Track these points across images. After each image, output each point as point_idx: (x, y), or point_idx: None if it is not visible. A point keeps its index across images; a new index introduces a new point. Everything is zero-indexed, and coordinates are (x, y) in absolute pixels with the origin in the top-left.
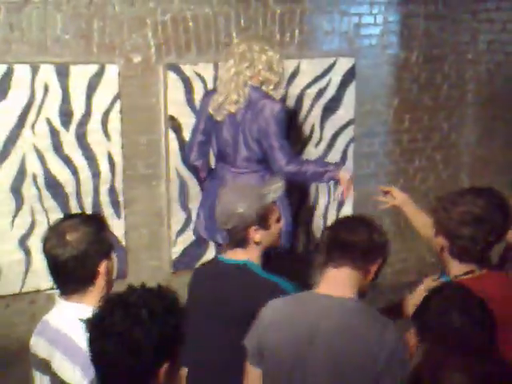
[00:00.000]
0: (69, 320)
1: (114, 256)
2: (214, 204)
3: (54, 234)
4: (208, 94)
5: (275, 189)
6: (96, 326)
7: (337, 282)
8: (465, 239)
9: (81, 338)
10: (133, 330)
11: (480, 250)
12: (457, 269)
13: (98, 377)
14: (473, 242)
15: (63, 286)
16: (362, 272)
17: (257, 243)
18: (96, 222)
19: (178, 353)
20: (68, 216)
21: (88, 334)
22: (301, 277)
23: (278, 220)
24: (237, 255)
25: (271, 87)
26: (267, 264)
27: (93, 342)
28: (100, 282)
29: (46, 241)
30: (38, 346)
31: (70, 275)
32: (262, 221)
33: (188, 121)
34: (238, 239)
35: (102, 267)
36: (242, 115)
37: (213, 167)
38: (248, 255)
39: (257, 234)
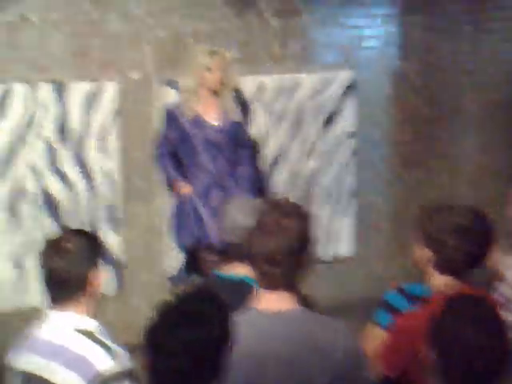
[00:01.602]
0: (63, 330)
1: (102, 267)
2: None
3: (50, 245)
4: None
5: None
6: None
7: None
8: (449, 249)
9: (77, 346)
10: None
11: (463, 261)
12: (439, 281)
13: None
14: (457, 251)
15: (57, 295)
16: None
17: None
18: (89, 233)
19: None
20: (63, 229)
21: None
22: None
23: None
24: (237, 269)
25: None
26: None
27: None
28: (90, 290)
29: (43, 253)
30: (26, 361)
31: (64, 283)
32: None
33: None
34: (238, 253)
35: (92, 275)
36: None
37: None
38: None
39: None
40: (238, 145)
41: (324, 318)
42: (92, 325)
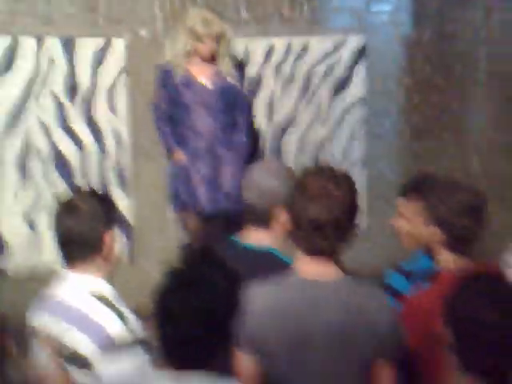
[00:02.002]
0: (81, 296)
1: (117, 231)
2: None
3: (65, 204)
4: None
5: None
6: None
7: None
8: (461, 229)
9: (90, 310)
10: None
11: (472, 239)
12: (447, 259)
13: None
14: (468, 231)
15: (71, 255)
16: None
17: (281, 225)
18: (103, 195)
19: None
20: (76, 189)
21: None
22: None
23: None
24: (259, 237)
25: None
26: None
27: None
28: (105, 251)
29: (56, 212)
30: (43, 321)
31: (79, 243)
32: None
33: None
34: (263, 218)
35: (108, 237)
36: None
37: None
38: (270, 238)
39: (282, 215)
40: (234, 109)
41: (370, 289)
42: (107, 290)
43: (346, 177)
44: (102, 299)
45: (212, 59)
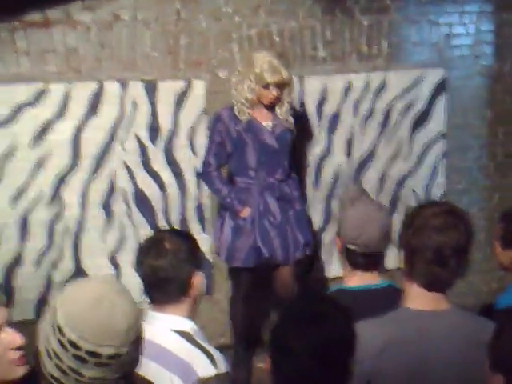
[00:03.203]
0: (162, 331)
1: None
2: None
3: (152, 245)
4: None
5: None
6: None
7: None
8: None
9: (177, 348)
10: None
11: None
12: None
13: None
14: None
15: (158, 296)
16: None
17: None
18: (188, 235)
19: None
20: (159, 231)
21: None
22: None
23: None
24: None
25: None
26: None
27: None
28: (193, 293)
29: (143, 252)
30: None
31: (167, 285)
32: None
33: None
34: (379, 262)
35: (196, 278)
36: None
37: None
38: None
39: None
40: (289, 154)
41: (483, 319)
42: (188, 326)
43: (464, 211)
44: (185, 336)
45: (272, 105)
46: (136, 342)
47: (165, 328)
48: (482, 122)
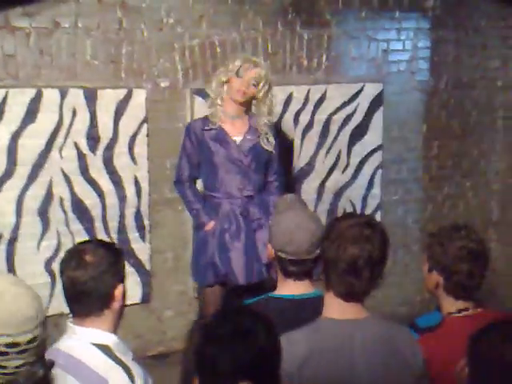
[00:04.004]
0: (82, 346)
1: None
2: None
3: (73, 256)
4: None
5: None
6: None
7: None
8: (462, 275)
9: (95, 363)
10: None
11: (476, 285)
12: (451, 306)
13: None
14: (470, 277)
15: (79, 309)
16: None
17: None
18: (113, 246)
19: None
20: (85, 241)
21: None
22: None
23: None
24: (300, 288)
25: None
26: None
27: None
28: (115, 305)
29: (64, 263)
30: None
31: (87, 297)
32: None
33: None
34: (309, 269)
35: (118, 291)
36: None
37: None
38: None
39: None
40: (266, 168)
41: (398, 326)
42: (109, 339)
43: (379, 224)
44: (105, 349)
45: (247, 106)
46: (44, 321)
47: (84, 342)
48: (417, 135)
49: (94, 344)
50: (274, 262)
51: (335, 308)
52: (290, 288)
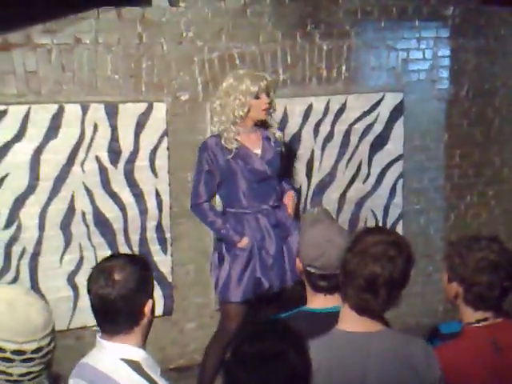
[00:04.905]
0: (110, 361)
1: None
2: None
3: (101, 273)
4: None
5: None
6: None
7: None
8: (481, 286)
9: (124, 379)
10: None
11: (496, 296)
12: (471, 316)
13: None
14: (489, 288)
15: (108, 326)
16: None
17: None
18: (141, 261)
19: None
20: (112, 256)
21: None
22: None
23: None
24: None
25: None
26: None
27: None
28: (144, 321)
29: (92, 281)
30: None
31: (117, 315)
32: None
33: None
34: (336, 284)
35: (147, 307)
36: None
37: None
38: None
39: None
40: (278, 176)
41: (413, 339)
42: (138, 355)
43: (407, 244)
44: (134, 365)
45: (263, 121)
46: (52, 332)
47: (113, 357)
48: (438, 144)
49: (123, 359)
50: (302, 276)
51: (349, 320)
52: (320, 302)
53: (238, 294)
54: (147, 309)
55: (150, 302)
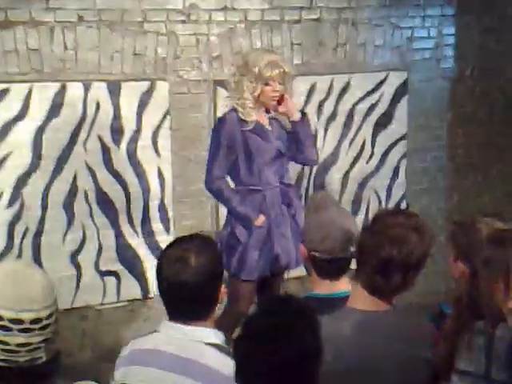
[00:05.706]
0: (196, 346)
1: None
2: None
3: (176, 259)
4: None
5: None
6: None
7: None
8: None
9: (216, 363)
10: None
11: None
12: None
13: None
14: (498, 264)
15: (185, 312)
16: None
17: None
18: (212, 244)
19: None
20: (183, 238)
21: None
22: None
23: None
24: (346, 285)
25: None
26: None
27: None
28: (217, 303)
29: (165, 266)
30: (143, 375)
31: (195, 302)
32: None
33: None
34: (345, 267)
35: (222, 292)
36: None
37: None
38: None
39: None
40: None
41: (418, 319)
42: (220, 338)
43: (428, 229)
44: (218, 347)
45: (274, 107)
46: (52, 305)
47: (197, 342)
48: (442, 123)
49: (209, 344)
50: (307, 263)
51: (360, 299)
52: (327, 287)
53: (253, 272)
54: (222, 294)
55: (223, 286)
